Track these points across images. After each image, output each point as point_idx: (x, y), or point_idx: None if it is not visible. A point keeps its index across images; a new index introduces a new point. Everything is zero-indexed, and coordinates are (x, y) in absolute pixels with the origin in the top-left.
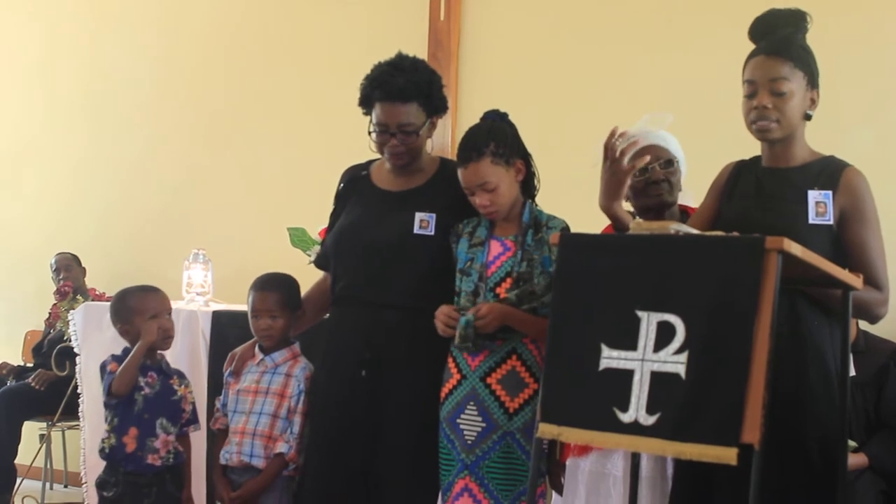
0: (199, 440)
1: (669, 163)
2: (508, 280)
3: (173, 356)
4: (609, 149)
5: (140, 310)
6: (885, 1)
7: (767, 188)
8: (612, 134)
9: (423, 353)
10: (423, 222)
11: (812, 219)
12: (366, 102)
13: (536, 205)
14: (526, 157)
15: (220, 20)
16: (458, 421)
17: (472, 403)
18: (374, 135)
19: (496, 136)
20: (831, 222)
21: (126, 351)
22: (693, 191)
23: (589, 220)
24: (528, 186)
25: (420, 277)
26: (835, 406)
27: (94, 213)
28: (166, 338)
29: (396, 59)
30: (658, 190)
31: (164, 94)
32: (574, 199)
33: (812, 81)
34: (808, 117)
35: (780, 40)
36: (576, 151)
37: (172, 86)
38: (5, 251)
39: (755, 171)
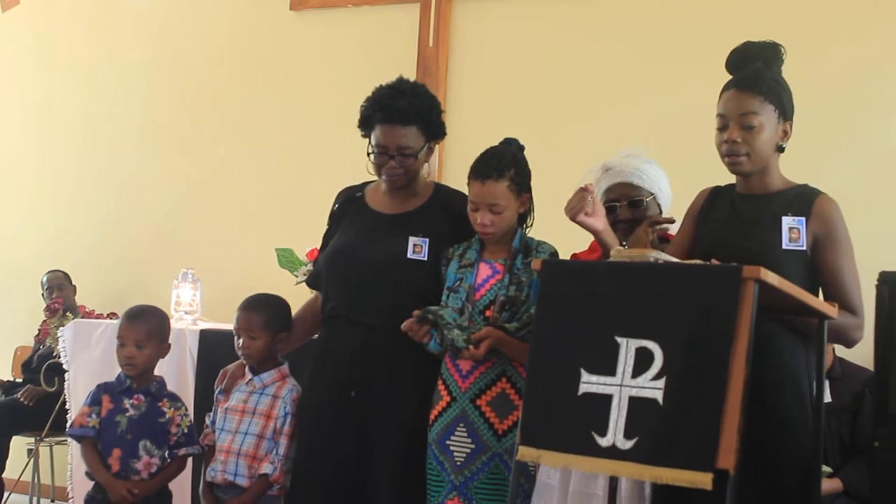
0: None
1: (638, 203)
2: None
3: (160, 373)
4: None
5: (118, 336)
6: (862, 32)
7: (742, 213)
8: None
9: (413, 374)
10: (417, 247)
11: (786, 244)
12: (365, 124)
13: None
14: (531, 192)
15: (214, 43)
16: (448, 442)
17: (461, 425)
18: (372, 156)
19: (518, 165)
20: (804, 248)
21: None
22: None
23: (574, 240)
24: (523, 217)
25: (410, 300)
26: (810, 432)
27: (87, 231)
28: (124, 365)
29: (397, 82)
30: (626, 229)
31: (158, 114)
32: (559, 221)
33: (784, 114)
34: (780, 149)
35: (750, 74)
36: (560, 175)
37: (166, 107)
38: None
39: (730, 196)
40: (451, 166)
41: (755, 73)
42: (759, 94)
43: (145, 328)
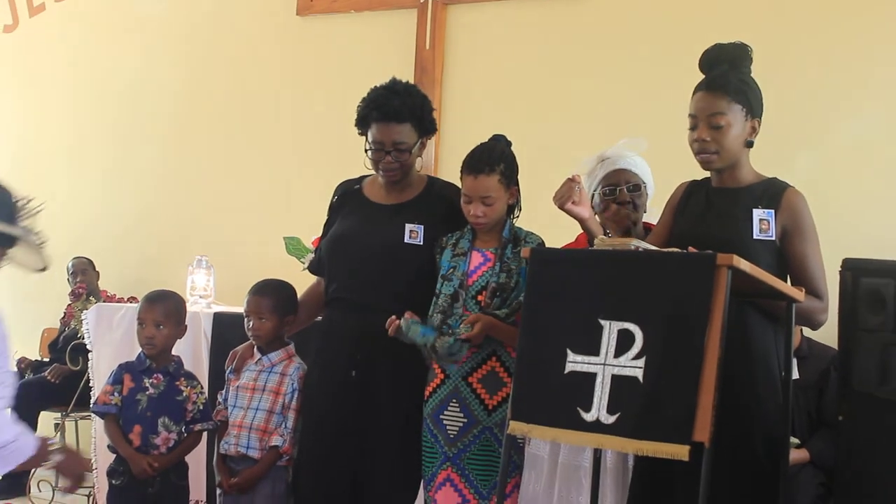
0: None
1: (636, 187)
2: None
3: (177, 353)
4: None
5: (138, 318)
6: (827, 33)
7: (716, 206)
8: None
9: (409, 354)
10: (413, 233)
11: (756, 234)
12: (363, 122)
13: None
14: (518, 185)
15: (228, 46)
16: (442, 417)
17: (454, 401)
18: (370, 152)
19: (507, 160)
20: (774, 238)
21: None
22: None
23: (563, 233)
24: (511, 208)
25: (407, 283)
26: (779, 406)
27: (111, 222)
28: (144, 345)
29: (391, 83)
30: (623, 210)
31: (175, 114)
32: (548, 215)
33: (751, 112)
34: (749, 144)
35: (717, 77)
36: (549, 171)
37: (182, 107)
38: None
39: (705, 189)
40: (446, 160)
41: (722, 75)
42: (725, 95)
43: (163, 310)
